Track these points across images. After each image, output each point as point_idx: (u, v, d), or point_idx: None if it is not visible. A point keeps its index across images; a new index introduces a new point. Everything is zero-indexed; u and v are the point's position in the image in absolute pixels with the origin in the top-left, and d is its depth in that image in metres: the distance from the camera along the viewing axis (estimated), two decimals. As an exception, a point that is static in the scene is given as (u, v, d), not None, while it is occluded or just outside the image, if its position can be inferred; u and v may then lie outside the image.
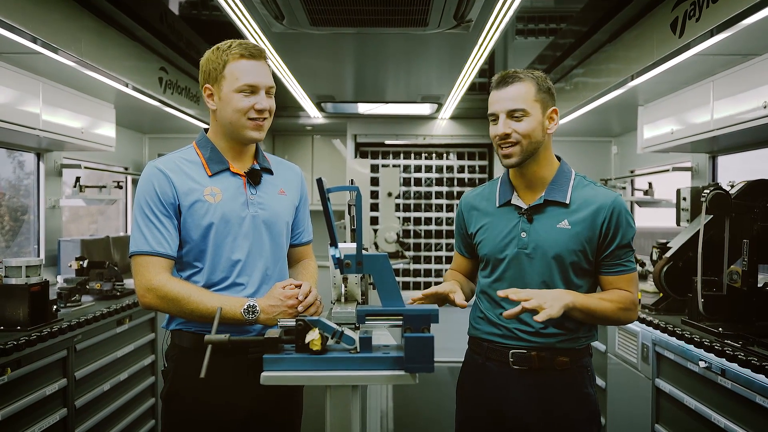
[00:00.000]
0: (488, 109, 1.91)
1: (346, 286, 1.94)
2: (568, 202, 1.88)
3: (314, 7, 3.00)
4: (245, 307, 1.70)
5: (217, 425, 1.79)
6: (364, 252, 1.39)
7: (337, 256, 1.40)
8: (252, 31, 3.56)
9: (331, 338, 1.38)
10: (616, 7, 3.35)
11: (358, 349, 1.36)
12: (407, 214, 6.52)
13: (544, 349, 1.86)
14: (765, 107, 2.84)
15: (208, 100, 1.83)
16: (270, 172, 1.95)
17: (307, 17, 3.14)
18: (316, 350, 1.35)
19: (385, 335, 1.67)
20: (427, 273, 6.55)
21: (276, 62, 4.24)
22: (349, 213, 1.88)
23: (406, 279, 6.53)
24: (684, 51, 2.87)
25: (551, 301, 1.66)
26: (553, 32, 4.56)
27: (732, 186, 3.04)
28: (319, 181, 1.36)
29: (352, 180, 2.09)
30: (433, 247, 6.56)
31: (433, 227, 6.57)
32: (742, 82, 3.03)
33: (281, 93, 5.44)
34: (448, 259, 6.48)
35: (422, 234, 6.56)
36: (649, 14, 3.17)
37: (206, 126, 2.01)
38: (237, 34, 3.55)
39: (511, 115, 1.85)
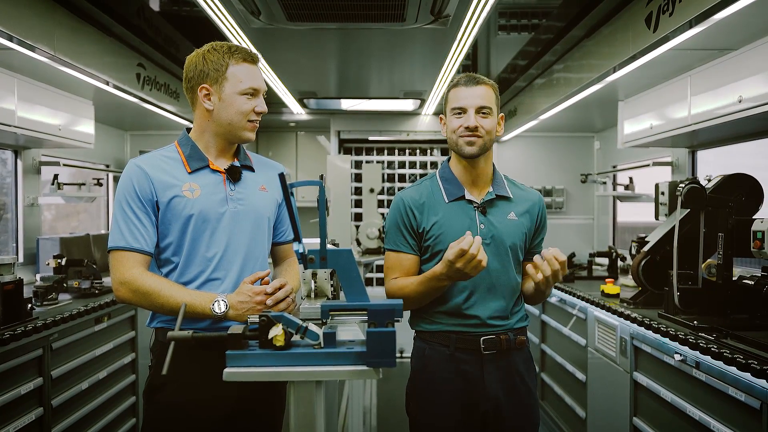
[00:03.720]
0: (452, 103, 2.05)
1: (315, 282, 1.94)
2: (511, 196, 2.11)
3: (290, 2, 2.98)
4: (214, 302, 1.71)
5: (199, 419, 1.80)
6: (328, 247, 1.39)
7: (301, 251, 1.39)
8: (230, 27, 3.54)
9: (296, 334, 1.37)
10: (592, 3, 3.36)
11: (322, 345, 1.36)
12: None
13: (508, 331, 2.03)
14: (740, 101, 2.86)
15: (204, 99, 1.85)
16: (251, 169, 1.98)
17: (283, 12, 3.12)
18: (279, 346, 1.34)
19: (355, 331, 1.67)
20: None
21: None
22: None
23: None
24: (659, 46, 2.88)
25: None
26: (535, 28, 4.57)
27: (709, 180, 3.07)
28: (281, 176, 1.36)
29: (322, 175, 2.09)
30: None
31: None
32: (717, 77, 3.05)
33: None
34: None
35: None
36: (624, 9, 3.18)
37: (187, 123, 2.02)
38: (215, 29, 3.52)
39: (480, 111, 2.01)
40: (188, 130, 1.96)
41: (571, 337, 3.85)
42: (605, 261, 4.61)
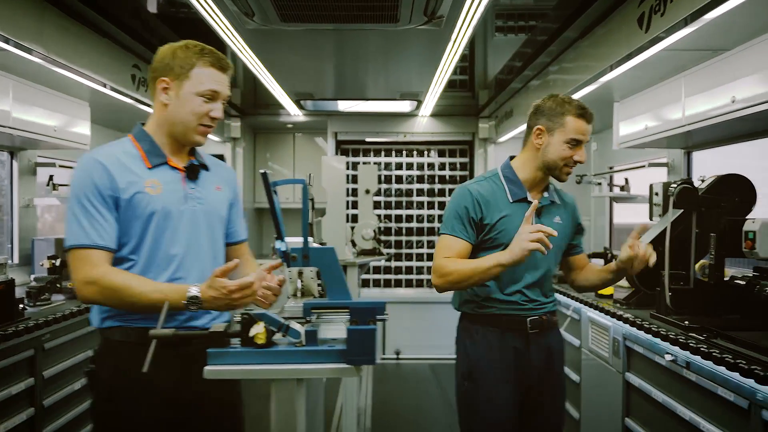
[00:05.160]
0: (571, 133, 2.22)
1: (302, 281, 1.94)
2: (558, 202, 2.38)
3: (282, 2, 2.99)
4: (188, 298, 1.64)
5: (158, 419, 1.76)
6: (311, 245, 1.39)
7: (283, 249, 1.39)
8: (225, 28, 3.55)
9: (278, 332, 1.38)
10: (585, 3, 3.36)
11: (304, 343, 1.36)
12: (388, 212, 6.52)
13: (547, 313, 2.31)
14: (733, 102, 2.85)
15: (161, 92, 1.82)
16: (206, 168, 1.96)
17: (276, 13, 3.13)
18: (260, 344, 1.34)
19: (341, 330, 1.67)
20: (408, 270, 6.55)
21: (251, 59, 4.23)
22: (312, 208, 1.88)
23: (387, 276, 6.51)
24: (651, 46, 2.88)
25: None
26: (531, 29, 4.58)
27: (703, 181, 3.06)
28: (264, 175, 1.36)
29: (310, 174, 2.10)
30: (414, 245, 6.56)
31: (414, 224, 6.57)
32: (710, 78, 3.05)
33: (260, 90, 5.42)
34: (429, 256, 6.45)
35: (403, 231, 6.55)
36: (617, 10, 3.18)
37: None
38: (211, 31, 3.53)
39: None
40: (142, 123, 1.91)
41: (566, 338, 3.84)
42: (600, 262, 4.59)
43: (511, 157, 2.39)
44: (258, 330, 1.34)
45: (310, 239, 1.49)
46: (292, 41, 3.85)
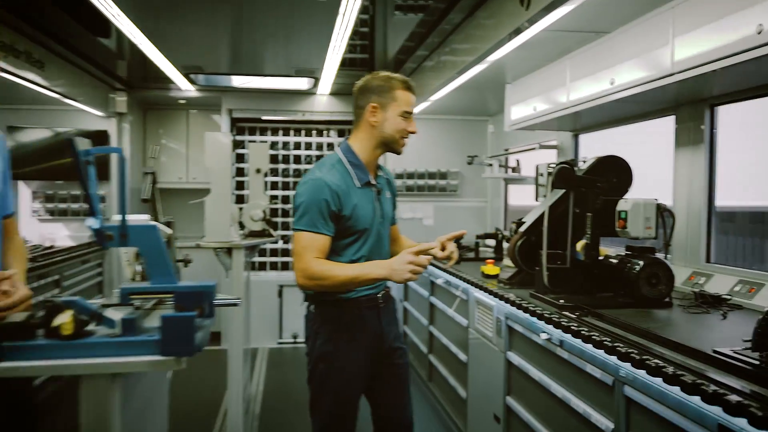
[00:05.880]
0: (404, 106, 2.31)
1: (141, 264, 1.77)
2: (388, 178, 2.51)
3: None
4: None
5: None
6: (131, 223, 1.23)
7: (96, 227, 1.23)
8: (97, -9, 3.26)
9: (90, 321, 1.22)
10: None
11: (120, 333, 1.21)
12: (286, 193, 6.31)
13: (386, 287, 2.49)
14: (612, 85, 2.90)
15: None
16: None
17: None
18: (66, 334, 1.18)
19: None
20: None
21: (129, 28, 3.92)
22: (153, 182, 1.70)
23: (285, 259, 6.29)
24: (532, 24, 2.87)
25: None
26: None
27: (584, 162, 3.11)
28: (71, 142, 1.19)
29: (155, 147, 1.92)
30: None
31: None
32: (592, 61, 3.08)
33: (150, 63, 5.06)
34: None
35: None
36: (501, -12, 3.16)
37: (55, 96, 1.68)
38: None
39: None
40: None
41: (455, 318, 3.85)
42: (492, 242, 4.65)
43: (346, 138, 2.45)
44: (64, 319, 1.18)
45: (146, 216, 1.33)
46: (175, 8, 3.60)
